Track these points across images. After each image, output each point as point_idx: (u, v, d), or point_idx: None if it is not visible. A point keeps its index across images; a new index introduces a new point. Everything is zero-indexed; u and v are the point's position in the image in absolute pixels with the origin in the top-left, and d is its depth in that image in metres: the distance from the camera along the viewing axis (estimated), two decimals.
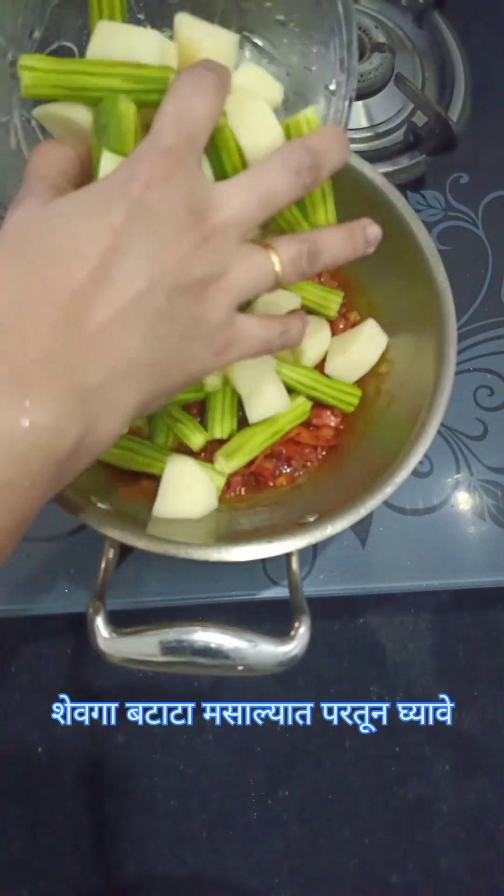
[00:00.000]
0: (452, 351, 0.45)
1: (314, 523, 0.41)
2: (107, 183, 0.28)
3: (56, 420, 0.26)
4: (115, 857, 0.71)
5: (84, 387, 0.26)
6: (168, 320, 0.28)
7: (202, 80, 0.29)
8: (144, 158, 0.28)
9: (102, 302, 0.26)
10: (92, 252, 0.26)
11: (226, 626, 0.35)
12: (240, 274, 0.30)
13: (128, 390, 0.28)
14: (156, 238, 0.27)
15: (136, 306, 0.27)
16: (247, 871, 0.74)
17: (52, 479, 0.27)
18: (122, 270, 0.27)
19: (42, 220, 0.28)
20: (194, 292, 0.29)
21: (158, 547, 0.39)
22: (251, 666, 0.35)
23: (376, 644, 0.74)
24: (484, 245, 0.64)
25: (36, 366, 0.25)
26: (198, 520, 0.45)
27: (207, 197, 0.29)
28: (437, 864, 0.77)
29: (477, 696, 0.76)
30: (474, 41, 0.71)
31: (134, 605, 0.51)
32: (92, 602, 0.36)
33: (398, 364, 0.50)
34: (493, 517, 0.56)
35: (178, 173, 0.28)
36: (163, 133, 0.28)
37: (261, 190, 0.29)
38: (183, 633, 0.35)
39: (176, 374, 0.30)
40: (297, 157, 0.30)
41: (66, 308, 0.26)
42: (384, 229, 0.49)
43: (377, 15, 0.69)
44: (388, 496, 0.41)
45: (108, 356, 0.27)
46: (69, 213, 0.28)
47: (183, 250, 0.28)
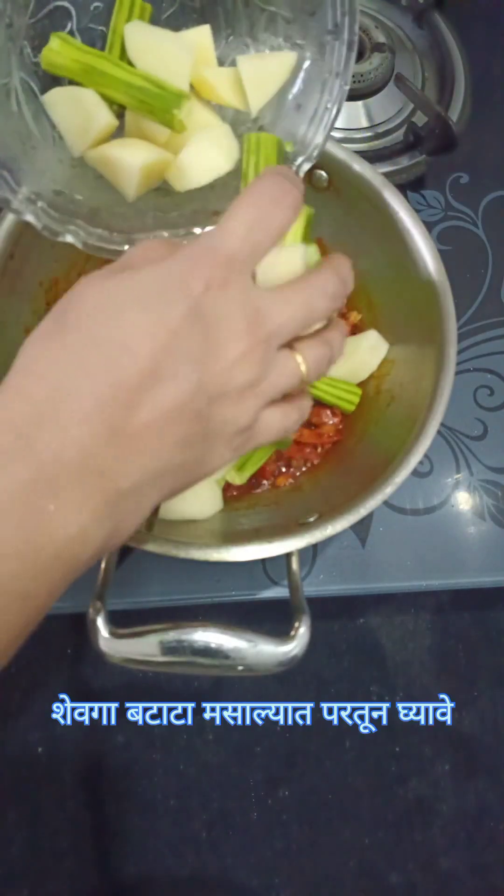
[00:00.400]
0: (452, 351, 0.45)
1: (314, 523, 0.41)
2: (166, 271, 0.27)
3: (82, 528, 0.25)
4: (115, 857, 0.71)
5: (115, 490, 0.25)
6: (203, 423, 0.28)
7: (285, 196, 0.29)
8: (206, 257, 0.28)
9: (147, 402, 0.25)
10: (144, 349, 0.25)
11: (226, 626, 0.35)
12: (273, 380, 0.30)
13: (154, 491, 0.27)
14: (208, 343, 0.27)
15: (179, 410, 0.26)
16: (247, 871, 0.74)
17: (69, 583, 0.26)
18: (171, 372, 0.26)
19: (97, 303, 0.27)
20: (232, 398, 0.28)
21: (159, 547, 0.39)
22: (251, 666, 0.35)
23: (376, 644, 0.74)
24: (484, 245, 0.64)
25: (70, 466, 0.24)
26: (200, 520, 0.45)
27: (259, 308, 0.29)
28: (437, 864, 0.77)
29: (477, 696, 0.76)
30: (474, 41, 0.71)
31: (134, 606, 0.50)
32: (92, 602, 0.36)
33: (398, 364, 0.50)
34: (493, 517, 0.56)
35: (238, 281, 0.28)
36: (231, 236, 0.28)
37: (305, 308, 0.30)
38: (183, 634, 0.35)
39: (196, 471, 0.30)
40: (334, 285, 0.31)
41: (110, 405, 0.25)
42: (384, 229, 0.49)
43: (377, 15, 0.69)
44: (388, 496, 0.41)
45: (143, 458, 0.26)
46: (125, 300, 0.27)
47: (231, 357, 0.28)
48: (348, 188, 0.50)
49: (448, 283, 0.46)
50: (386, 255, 0.50)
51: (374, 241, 0.50)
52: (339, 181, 0.50)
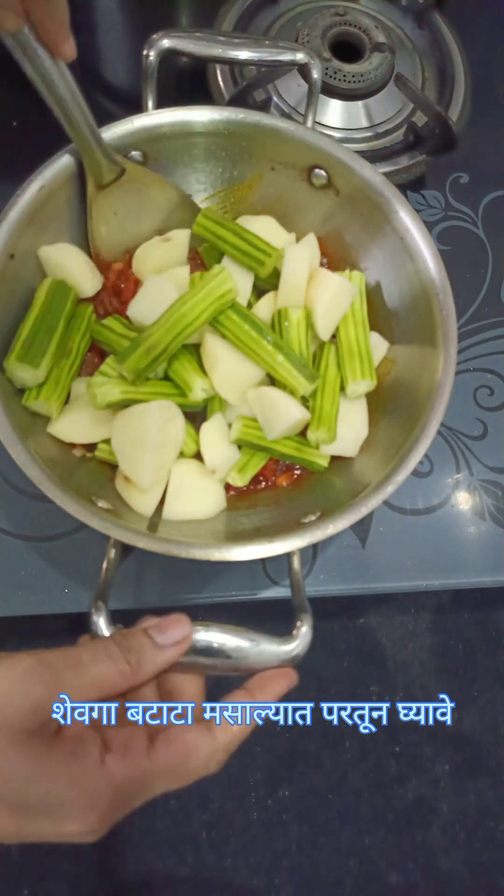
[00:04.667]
0: (453, 350, 0.45)
1: (315, 522, 0.41)
2: None
3: None
4: (115, 857, 0.71)
5: None
6: None
7: None
8: None
9: None
10: None
11: (228, 625, 0.35)
12: None
13: None
14: None
15: None
16: (247, 871, 0.74)
17: None
18: None
19: None
20: None
21: (160, 547, 0.39)
22: (253, 666, 0.35)
23: (376, 644, 0.74)
24: (484, 245, 0.64)
25: None
26: (202, 520, 0.45)
27: None
28: (437, 864, 0.77)
29: (477, 696, 0.76)
30: (474, 41, 0.71)
31: (136, 605, 0.51)
32: (94, 602, 0.36)
33: (398, 364, 0.50)
34: (493, 517, 0.56)
35: None
36: None
37: None
38: None
39: None
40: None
41: None
42: (384, 230, 0.49)
43: (377, 15, 0.69)
44: (388, 496, 0.41)
45: None
46: None
47: None
48: (348, 187, 0.50)
49: (448, 282, 0.46)
50: (385, 255, 0.50)
51: (374, 241, 0.50)
52: (338, 180, 0.50)
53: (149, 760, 0.31)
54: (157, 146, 0.50)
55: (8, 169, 0.47)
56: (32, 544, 0.51)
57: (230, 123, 0.50)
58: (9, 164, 0.48)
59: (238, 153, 0.52)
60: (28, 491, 0.51)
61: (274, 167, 0.52)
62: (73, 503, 0.39)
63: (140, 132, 0.49)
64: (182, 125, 0.50)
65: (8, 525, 0.51)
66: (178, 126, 0.50)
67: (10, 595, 0.50)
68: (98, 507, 0.41)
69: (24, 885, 0.72)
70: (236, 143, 0.51)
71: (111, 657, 0.32)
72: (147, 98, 0.50)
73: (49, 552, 0.51)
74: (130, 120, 0.49)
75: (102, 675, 0.31)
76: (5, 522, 0.51)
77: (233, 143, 0.51)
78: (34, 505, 0.51)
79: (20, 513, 0.51)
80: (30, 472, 0.40)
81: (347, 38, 0.66)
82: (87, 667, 0.31)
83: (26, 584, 0.50)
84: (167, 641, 0.33)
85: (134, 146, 0.49)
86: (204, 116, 0.50)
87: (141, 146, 0.50)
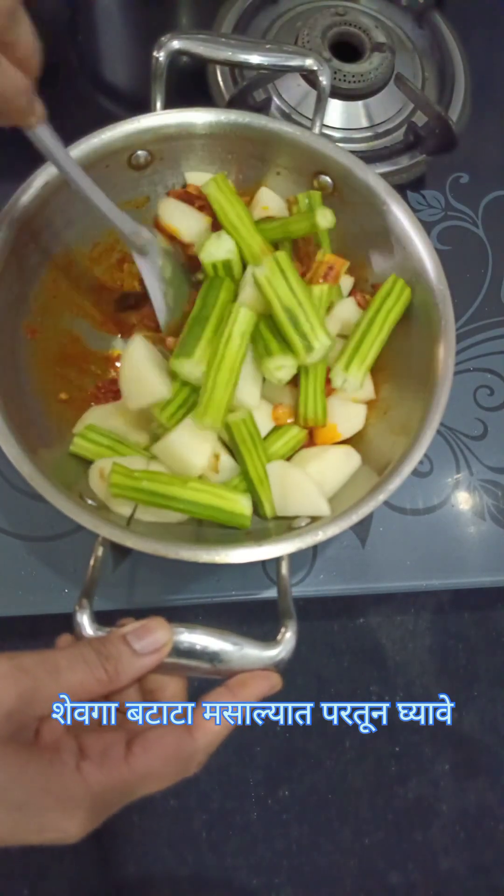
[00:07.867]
0: (452, 351, 0.45)
1: (305, 528, 0.41)
2: None
3: None
4: (115, 857, 0.71)
5: None
6: None
7: None
8: None
9: None
10: None
11: (213, 628, 0.35)
12: None
13: None
14: None
15: None
16: (247, 871, 0.74)
17: None
18: None
19: None
20: None
21: (148, 546, 0.38)
22: (236, 669, 0.34)
23: (376, 644, 0.74)
24: (484, 245, 0.64)
25: None
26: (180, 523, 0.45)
27: None
28: (437, 864, 0.77)
29: (477, 696, 0.76)
30: (474, 41, 0.71)
31: (134, 605, 0.51)
32: (78, 601, 0.35)
33: (398, 364, 0.50)
34: (493, 517, 0.56)
35: None
36: None
37: None
38: None
39: None
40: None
41: None
42: (382, 230, 0.49)
43: (377, 15, 0.69)
44: (388, 495, 0.41)
45: None
46: None
47: None
48: (353, 194, 0.50)
49: (447, 283, 0.46)
50: (387, 259, 0.50)
51: (376, 246, 0.50)
52: (343, 187, 0.50)
53: (127, 767, 0.31)
54: (164, 147, 0.50)
55: (8, 169, 0.47)
56: (32, 544, 0.51)
57: (236, 126, 0.50)
58: (9, 163, 0.47)
59: (244, 157, 0.52)
60: (28, 491, 0.51)
61: (279, 172, 0.52)
62: (64, 499, 0.39)
63: (147, 132, 0.49)
64: (189, 126, 0.50)
65: (8, 525, 0.51)
66: (185, 127, 0.50)
67: (10, 595, 0.50)
68: (87, 506, 0.41)
69: (24, 885, 0.72)
70: (242, 147, 0.51)
71: (88, 664, 0.31)
72: (155, 98, 0.50)
73: (49, 552, 0.51)
74: (137, 119, 0.48)
75: (79, 681, 0.31)
76: (5, 522, 0.51)
77: (239, 146, 0.51)
78: (34, 505, 0.51)
79: (20, 513, 0.51)
80: (21, 468, 0.40)
81: (347, 38, 0.66)
82: (64, 673, 0.31)
83: (26, 584, 0.50)
84: (146, 649, 0.33)
85: (140, 146, 0.49)
86: (210, 118, 0.50)
87: (147, 146, 0.49)
